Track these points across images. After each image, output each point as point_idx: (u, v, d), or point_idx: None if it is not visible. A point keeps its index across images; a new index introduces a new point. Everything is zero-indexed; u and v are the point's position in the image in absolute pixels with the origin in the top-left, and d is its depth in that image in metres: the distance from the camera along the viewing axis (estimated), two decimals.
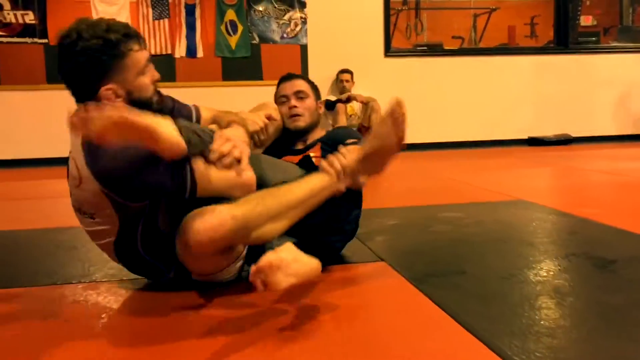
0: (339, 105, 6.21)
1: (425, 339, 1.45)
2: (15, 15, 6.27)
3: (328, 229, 1.93)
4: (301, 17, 6.63)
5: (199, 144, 1.59)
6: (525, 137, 6.99)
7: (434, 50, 7.17)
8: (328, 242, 1.96)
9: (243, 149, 1.67)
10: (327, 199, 1.75)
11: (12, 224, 3.08)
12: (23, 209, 3.65)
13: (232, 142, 1.66)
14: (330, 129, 2.52)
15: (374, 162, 1.82)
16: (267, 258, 1.42)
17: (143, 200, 1.61)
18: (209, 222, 1.50)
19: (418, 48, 7.38)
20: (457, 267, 2.05)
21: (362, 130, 6.41)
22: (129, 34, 1.62)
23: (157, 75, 1.71)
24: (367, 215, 2.84)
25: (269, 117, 2.12)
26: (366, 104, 6.34)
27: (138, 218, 1.63)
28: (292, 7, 6.64)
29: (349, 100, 6.27)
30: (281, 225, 1.65)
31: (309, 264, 1.56)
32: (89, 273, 2.04)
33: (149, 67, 1.67)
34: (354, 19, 6.69)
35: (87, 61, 1.57)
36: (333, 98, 6.40)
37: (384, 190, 4.31)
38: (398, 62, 6.84)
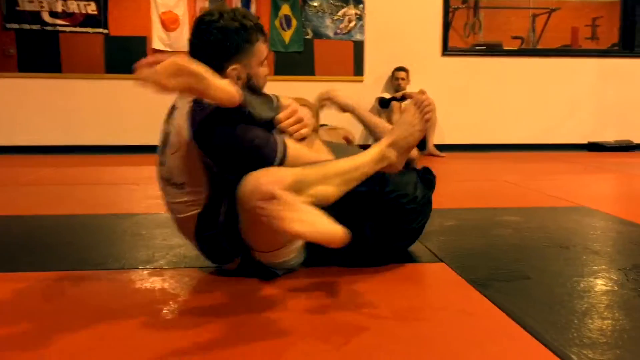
0: (394, 103, 6.17)
1: (491, 345, 1.43)
2: (78, 5, 6.45)
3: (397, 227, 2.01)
4: (356, 14, 6.61)
5: (260, 105, 1.70)
6: (584, 142, 6.80)
7: (494, 50, 7.04)
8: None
9: (308, 123, 1.77)
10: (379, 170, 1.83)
11: (77, 208, 3.17)
12: (86, 194, 3.76)
13: (298, 115, 1.75)
14: None
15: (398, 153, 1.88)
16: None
17: (236, 172, 1.64)
18: (273, 178, 1.57)
19: (477, 47, 7.26)
20: (521, 272, 2.00)
21: None
22: (260, 26, 1.82)
23: (268, 71, 1.87)
24: None
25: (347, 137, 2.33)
26: None
27: (224, 194, 1.71)
28: (346, 3, 6.63)
29: (404, 98, 6.22)
30: (333, 189, 1.69)
31: (329, 225, 1.49)
32: (154, 259, 2.08)
33: (266, 61, 1.85)
34: (411, 16, 6.63)
35: (223, 38, 1.74)
36: (388, 95, 6.36)
37: (440, 190, 4.22)
38: (455, 61, 6.74)
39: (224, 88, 1.58)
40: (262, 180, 1.57)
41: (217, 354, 1.35)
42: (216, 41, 1.75)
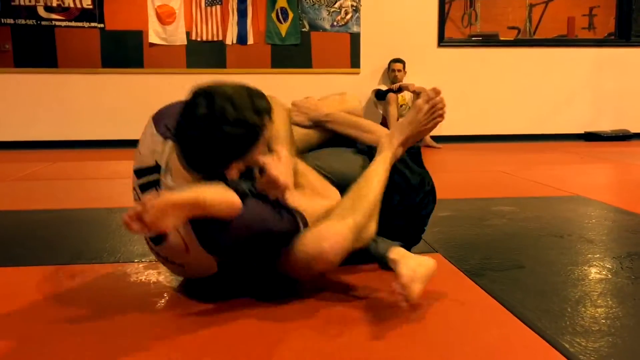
0: (390, 95, 6.15)
1: (484, 334, 1.43)
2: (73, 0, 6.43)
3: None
4: (352, 5, 6.59)
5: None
6: (581, 131, 6.80)
7: (490, 40, 7.03)
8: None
9: (284, 188, 1.55)
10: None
11: (73, 202, 3.17)
12: (81, 189, 3.76)
13: (274, 181, 1.53)
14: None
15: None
16: (405, 272, 1.52)
17: (260, 259, 1.65)
18: (335, 240, 1.52)
19: (473, 38, 7.25)
20: (515, 261, 2.01)
21: None
22: (269, 110, 1.52)
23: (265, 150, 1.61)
24: None
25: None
26: (418, 94, 6.27)
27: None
28: None
29: (400, 90, 6.21)
30: (375, 221, 1.69)
31: (427, 264, 1.60)
32: (149, 253, 2.08)
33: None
34: (407, 7, 6.61)
35: (227, 147, 1.46)
36: (384, 87, 6.35)
37: (436, 181, 4.23)
38: (452, 52, 6.73)
39: (223, 200, 1.43)
40: (326, 246, 1.52)
41: (213, 345, 1.36)
42: (218, 150, 1.46)
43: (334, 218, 1.59)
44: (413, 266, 1.55)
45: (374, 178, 1.77)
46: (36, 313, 1.55)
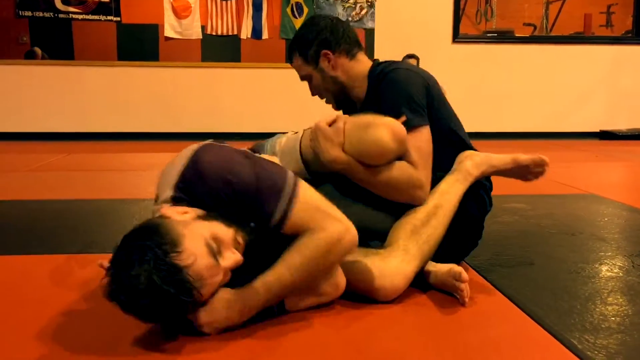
0: None
1: (493, 329, 1.44)
2: None
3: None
4: (367, 1, 6.58)
5: None
6: (596, 130, 6.75)
7: (505, 37, 6.98)
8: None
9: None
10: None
11: (87, 193, 3.21)
12: (96, 180, 3.80)
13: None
14: None
15: None
16: (461, 269, 1.57)
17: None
18: (398, 281, 1.55)
19: (488, 35, 7.20)
20: (525, 258, 2.01)
21: None
22: (197, 288, 1.23)
23: (234, 261, 1.31)
24: None
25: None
26: None
27: None
28: None
29: None
30: (442, 229, 1.68)
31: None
32: None
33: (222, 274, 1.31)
34: (422, 3, 6.59)
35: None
36: None
37: None
38: (466, 49, 6.70)
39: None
40: (387, 284, 1.54)
41: (221, 335, 1.37)
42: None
43: (399, 253, 1.58)
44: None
45: (447, 205, 1.69)
46: (47, 301, 1.57)
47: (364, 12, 6.60)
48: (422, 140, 1.70)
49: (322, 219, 1.39)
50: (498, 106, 6.73)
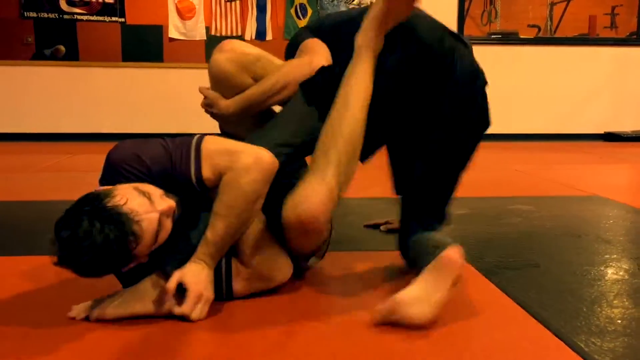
0: None
1: (498, 332, 1.44)
2: None
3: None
4: (371, 2, 6.58)
5: None
6: (601, 131, 6.73)
7: (509, 38, 6.97)
8: None
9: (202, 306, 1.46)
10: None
11: None
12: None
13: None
14: None
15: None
16: None
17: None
18: (310, 206, 1.45)
19: (492, 36, 7.19)
20: (531, 260, 2.01)
21: None
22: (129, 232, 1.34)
23: (168, 205, 1.42)
24: None
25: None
26: None
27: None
28: None
29: None
30: (359, 149, 1.55)
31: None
32: None
33: (158, 229, 1.40)
34: (427, 4, 6.54)
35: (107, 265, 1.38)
36: None
37: None
38: None
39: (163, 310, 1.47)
40: (301, 212, 1.45)
41: (222, 335, 1.38)
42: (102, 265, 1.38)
43: (311, 174, 1.50)
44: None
45: (352, 96, 1.53)
46: (54, 300, 1.58)
47: None
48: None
49: (233, 159, 1.46)
50: (502, 108, 6.67)
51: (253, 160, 1.45)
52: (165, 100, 6.39)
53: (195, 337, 1.38)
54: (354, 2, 6.58)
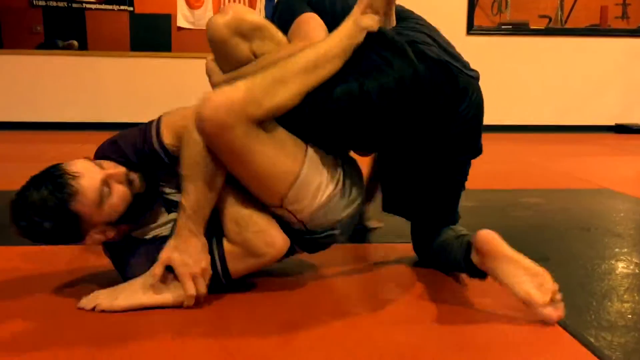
0: None
1: (507, 326, 1.43)
2: None
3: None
4: None
5: None
6: (612, 123, 6.67)
7: (520, 29, 6.91)
8: None
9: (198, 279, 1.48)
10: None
11: None
12: None
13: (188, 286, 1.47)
14: None
15: None
16: None
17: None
18: (209, 97, 1.38)
19: (503, 27, 7.12)
20: (540, 254, 1.98)
21: None
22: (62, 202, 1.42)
23: (117, 174, 1.49)
24: None
25: None
26: None
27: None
28: None
29: None
30: (295, 89, 1.44)
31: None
32: None
33: (102, 189, 1.45)
34: None
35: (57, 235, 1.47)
36: None
37: None
38: (481, 41, 6.64)
39: (176, 300, 1.49)
40: (204, 109, 1.37)
41: (227, 330, 1.38)
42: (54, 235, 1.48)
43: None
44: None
45: (316, 46, 1.48)
46: (65, 290, 1.59)
47: None
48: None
49: (188, 118, 1.45)
50: (513, 99, 6.67)
51: (205, 108, 1.37)
52: (174, 90, 6.39)
53: (196, 340, 1.38)
54: None
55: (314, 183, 1.49)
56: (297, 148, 1.48)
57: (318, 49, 1.47)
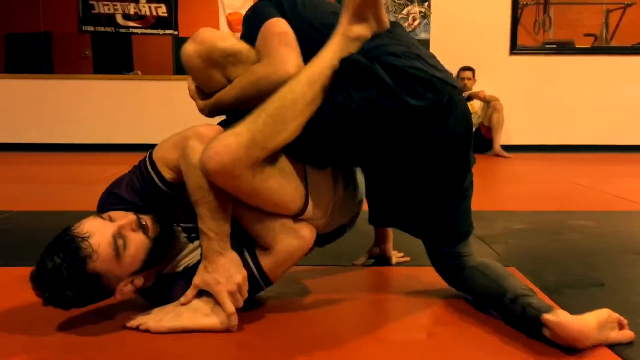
0: None
1: (562, 354, 1.38)
2: (149, 8, 6.66)
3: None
4: (420, 12, 6.54)
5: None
6: None
7: (565, 48, 6.81)
8: None
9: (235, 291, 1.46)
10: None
11: None
12: None
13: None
14: None
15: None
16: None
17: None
18: (213, 151, 1.37)
19: (547, 46, 7.04)
20: (594, 279, 1.93)
21: (483, 129, 6.24)
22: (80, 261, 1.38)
23: (128, 222, 1.46)
24: (491, 217, 2.77)
25: None
26: (488, 103, 6.17)
27: None
28: (411, 1, 6.56)
29: (470, 98, 6.12)
30: (296, 125, 1.42)
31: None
32: None
33: (116, 242, 1.42)
34: (479, 13, 6.50)
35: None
36: None
37: (505, 192, 4.21)
38: (524, 60, 6.57)
39: (221, 324, 1.47)
40: (204, 157, 1.38)
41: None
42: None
43: (228, 131, 1.42)
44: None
45: (307, 68, 1.44)
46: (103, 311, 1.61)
47: (416, 22, 6.56)
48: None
49: (180, 148, 1.49)
50: (558, 119, 6.56)
51: (207, 163, 1.38)
52: None
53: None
54: (403, 12, 6.56)
55: (323, 196, 1.52)
56: (297, 169, 1.50)
57: (311, 76, 1.43)
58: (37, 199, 3.56)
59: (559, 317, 1.37)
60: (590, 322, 1.38)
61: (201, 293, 1.47)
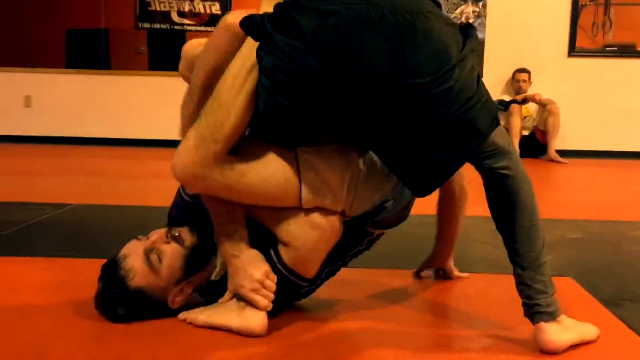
0: (513, 106, 5.96)
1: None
2: (204, 5, 6.76)
3: None
4: (474, 11, 6.44)
5: None
6: None
7: (627, 51, 6.59)
8: None
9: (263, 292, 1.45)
10: None
11: None
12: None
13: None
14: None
15: None
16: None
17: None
18: (172, 162, 1.41)
19: (607, 48, 6.81)
20: None
21: (537, 133, 6.10)
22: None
23: (158, 237, 1.54)
24: (545, 225, 2.68)
25: None
26: (544, 106, 6.02)
27: None
28: (465, 0, 6.47)
29: (525, 101, 6.00)
30: (239, 105, 1.36)
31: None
32: None
33: (148, 257, 1.50)
34: (536, 13, 6.35)
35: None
36: (507, 98, 6.14)
37: (560, 199, 4.07)
38: (583, 63, 6.38)
39: (248, 326, 1.48)
40: (173, 170, 1.41)
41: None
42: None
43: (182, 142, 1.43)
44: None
45: (234, 62, 1.40)
46: None
47: (470, 22, 6.46)
48: None
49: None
50: (617, 124, 6.35)
51: (175, 174, 1.42)
52: None
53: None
54: (456, 12, 6.47)
55: (328, 178, 1.44)
56: (285, 156, 1.43)
57: (243, 51, 1.39)
58: (99, 192, 3.63)
59: (547, 333, 1.38)
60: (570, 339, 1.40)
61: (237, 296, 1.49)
